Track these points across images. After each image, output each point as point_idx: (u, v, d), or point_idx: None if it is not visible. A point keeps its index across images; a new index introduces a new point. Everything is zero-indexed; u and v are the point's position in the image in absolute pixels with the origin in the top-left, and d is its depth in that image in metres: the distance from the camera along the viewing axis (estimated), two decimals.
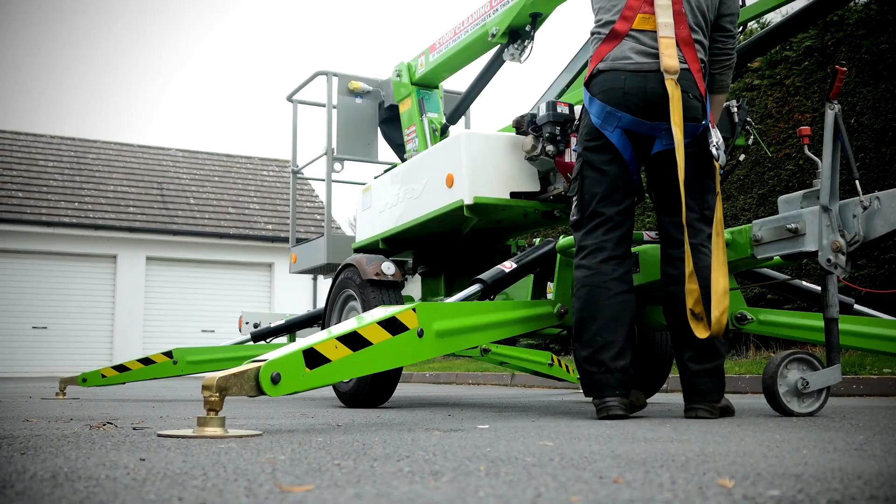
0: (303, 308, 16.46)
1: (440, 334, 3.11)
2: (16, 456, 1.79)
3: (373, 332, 2.87)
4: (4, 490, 1.30)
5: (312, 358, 2.67)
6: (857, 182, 3.04)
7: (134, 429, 2.61)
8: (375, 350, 2.86)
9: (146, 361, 5.72)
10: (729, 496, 1.27)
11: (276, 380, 2.53)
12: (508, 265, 3.75)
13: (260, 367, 2.50)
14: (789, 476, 1.48)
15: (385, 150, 5.91)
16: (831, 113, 3.08)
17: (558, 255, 3.76)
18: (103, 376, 5.79)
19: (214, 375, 2.39)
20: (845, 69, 3.11)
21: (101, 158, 18.07)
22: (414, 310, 3.03)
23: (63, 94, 57.73)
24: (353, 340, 2.80)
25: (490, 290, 3.66)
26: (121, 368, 5.80)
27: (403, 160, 5.37)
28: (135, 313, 15.78)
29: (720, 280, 2.94)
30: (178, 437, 2.24)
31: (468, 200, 3.81)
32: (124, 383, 5.97)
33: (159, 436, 2.29)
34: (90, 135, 29.13)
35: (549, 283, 4.04)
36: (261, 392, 2.50)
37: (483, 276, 3.69)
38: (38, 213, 15.32)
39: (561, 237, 3.82)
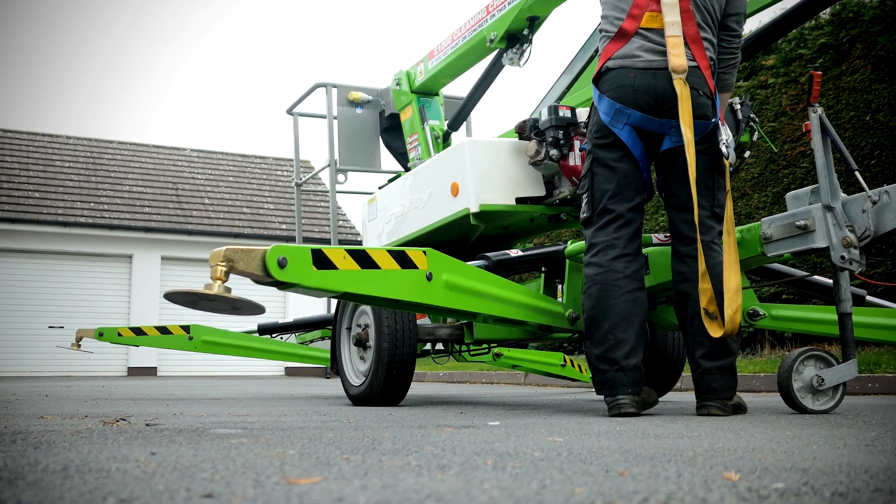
0: (317, 308, 16.52)
1: (448, 286, 3.12)
2: (29, 450, 1.81)
3: (382, 258, 2.90)
4: (16, 481, 1.32)
5: (320, 260, 2.70)
6: (857, 173, 3.03)
7: (147, 425, 2.64)
8: (383, 275, 2.89)
9: (163, 330, 5.83)
10: (733, 489, 1.27)
11: (282, 264, 2.55)
12: (514, 252, 3.82)
13: (268, 249, 2.54)
14: (796, 470, 1.48)
15: (388, 159, 5.89)
16: (815, 116, 3.09)
17: (567, 261, 3.75)
18: (119, 335, 5.91)
19: (222, 248, 2.44)
20: (820, 73, 3.13)
21: (116, 159, 18.20)
22: (425, 253, 3.05)
23: (63, 92, 57.97)
24: (362, 258, 2.83)
25: (493, 269, 3.68)
26: (138, 331, 5.91)
27: (407, 169, 5.36)
28: (150, 313, 15.86)
29: (732, 278, 2.93)
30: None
31: (474, 208, 3.77)
32: (138, 346, 6.09)
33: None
34: (91, 132, 29.33)
35: (559, 286, 4.02)
36: (266, 273, 2.51)
37: (489, 254, 3.77)
38: (55, 214, 15.44)
39: (570, 242, 3.80)
